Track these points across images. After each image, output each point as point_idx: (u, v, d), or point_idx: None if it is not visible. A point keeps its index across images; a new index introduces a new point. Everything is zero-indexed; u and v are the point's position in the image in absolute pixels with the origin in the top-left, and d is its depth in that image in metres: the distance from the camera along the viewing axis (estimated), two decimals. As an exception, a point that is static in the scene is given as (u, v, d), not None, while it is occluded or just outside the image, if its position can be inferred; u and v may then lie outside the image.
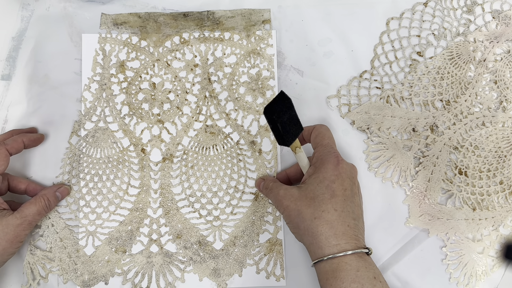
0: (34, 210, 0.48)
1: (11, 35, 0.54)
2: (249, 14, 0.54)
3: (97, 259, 0.51)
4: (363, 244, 0.44)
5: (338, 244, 0.42)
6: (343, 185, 0.44)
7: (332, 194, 0.44)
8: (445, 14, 0.55)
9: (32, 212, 0.47)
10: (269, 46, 0.54)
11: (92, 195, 0.52)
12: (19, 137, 0.49)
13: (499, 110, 0.53)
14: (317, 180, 0.45)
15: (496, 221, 0.52)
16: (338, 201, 0.43)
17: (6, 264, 0.50)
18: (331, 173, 0.44)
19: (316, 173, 0.45)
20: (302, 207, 0.44)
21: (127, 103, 0.53)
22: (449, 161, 0.52)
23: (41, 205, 0.48)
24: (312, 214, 0.43)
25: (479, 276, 0.51)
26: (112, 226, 0.51)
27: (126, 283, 0.50)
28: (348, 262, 0.41)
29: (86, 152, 0.52)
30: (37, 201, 0.48)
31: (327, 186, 0.44)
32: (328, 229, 0.42)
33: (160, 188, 0.52)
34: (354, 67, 0.54)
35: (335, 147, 0.47)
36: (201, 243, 0.51)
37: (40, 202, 0.48)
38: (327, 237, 0.42)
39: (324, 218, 0.43)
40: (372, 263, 0.43)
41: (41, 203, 0.48)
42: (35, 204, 0.48)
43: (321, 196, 0.44)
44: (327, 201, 0.43)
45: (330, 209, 0.43)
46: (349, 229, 0.43)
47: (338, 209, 0.43)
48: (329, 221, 0.43)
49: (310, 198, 0.44)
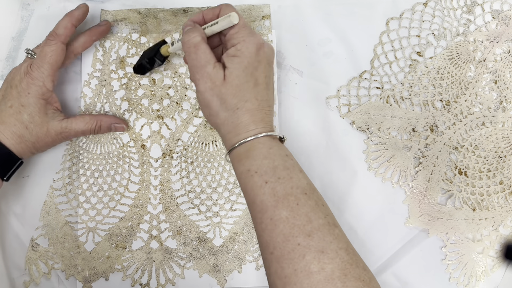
0: (81, 128, 0.49)
1: (11, 35, 0.55)
2: (249, 10, 0.55)
3: (97, 255, 0.51)
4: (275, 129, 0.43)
5: (256, 128, 0.42)
6: (265, 72, 0.43)
7: (255, 82, 0.43)
8: (445, 14, 0.55)
9: (77, 129, 0.49)
10: (268, 42, 0.54)
11: (93, 191, 0.52)
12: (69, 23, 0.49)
13: (499, 110, 0.53)
14: (242, 66, 0.42)
15: (496, 221, 0.51)
16: (260, 90, 0.43)
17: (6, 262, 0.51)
18: (254, 59, 0.43)
19: (240, 57, 0.42)
20: (227, 96, 0.42)
21: (127, 99, 0.53)
22: (449, 161, 0.52)
23: (90, 127, 0.50)
24: (236, 105, 0.42)
25: (479, 276, 0.51)
26: (112, 222, 0.52)
27: (126, 279, 0.51)
28: (262, 142, 0.41)
29: (86, 148, 0.53)
30: (89, 122, 0.49)
31: (251, 73, 0.42)
32: (248, 118, 0.42)
33: (160, 184, 0.52)
34: (354, 67, 0.54)
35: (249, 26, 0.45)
36: (200, 240, 0.51)
37: (91, 124, 0.50)
38: (246, 125, 0.42)
39: (246, 108, 0.42)
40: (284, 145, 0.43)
41: (91, 125, 0.50)
42: (85, 123, 0.49)
43: (246, 84, 0.42)
44: (251, 90, 0.42)
45: (252, 99, 0.42)
46: (266, 116, 0.43)
47: (259, 98, 0.43)
48: (250, 110, 0.42)
49: (235, 86, 0.42)
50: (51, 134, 0.48)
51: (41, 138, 0.48)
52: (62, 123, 0.48)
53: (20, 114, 0.46)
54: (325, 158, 0.53)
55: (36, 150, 0.48)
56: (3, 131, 0.46)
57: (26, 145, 0.47)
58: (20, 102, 0.46)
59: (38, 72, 0.47)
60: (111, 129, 0.51)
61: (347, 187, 0.52)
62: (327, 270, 0.35)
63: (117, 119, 0.52)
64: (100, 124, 0.50)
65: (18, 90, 0.47)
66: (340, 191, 0.52)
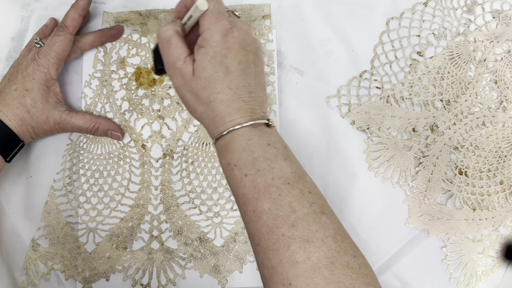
0: (78, 125, 0.50)
1: (11, 35, 0.55)
2: (249, 10, 0.55)
3: (98, 256, 0.51)
4: (261, 115, 0.41)
5: (232, 120, 0.40)
6: (237, 58, 0.41)
7: (226, 71, 0.40)
8: (445, 14, 0.55)
9: (75, 124, 0.50)
10: (269, 41, 0.54)
11: (93, 191, 0.52)
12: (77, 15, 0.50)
13: (499, 110, 0.53)
14: (208, 56, 0.40)
15: (496, 221, 0.51)
16: (233, 78, 0.40)
17: (6, 260, 0.51)
18: (221, 47, 0.40)
19: (205, 47, 0.41)
20: (198, 90, 0.41)
21: (127, 99, 0.53)
22: (449, 161, 0.52)
23: (87, 126, 0.50)
24: (208, 98, 0.41)
25: (479, 276, 0.51)
26: (113, 223, 0.52)
27: (127, 279, 0.51)
28: (241, 134, 0.40)
29: (86, 148, 0.53)
30: (88, 121, 0.50)
31: (219, 63, 0.40)
32: (223, 109, 0.40)
33: (161, 184, 0.52)
34: (354, 66, 0.54)
35: (223, 8, 0.42)
36: (201, 240, 0.51)
37: (89, 124, 0.50)
38: (222, 117, 0.40)
39: (218, 100, 0.40)
40: (269, 132, 0.41)
41: (89, 125, 0.50)
42: (84, 121, 0.50)
43: (215, 75, 0.40)
44: (221, 80, 0.40)
45: (224, 89, 0.40)
46: (244, 104, 0.40)
47: (233, 87, 0.40)
48: (223, 101, 0.40)
49: (204, 78, 0.40)
50: (49, 122, 0.49)
51: (40, 124, 0.49)
52: (63, 115, 0.49)
53: (23, 98, 0.48)
54: (326, 158, 0.53)
55: (36, 135, 0.50)
56: (6, 113, 0.47)
57: (27, 128, 0.48)
58: (25, 86, 0.48)
59: (44, 60, 0.48)
60: (107, 135, 0.52)
61: (347, 187, 0.52)
62: (313, 259, 0.34)
63: (115, 126, 0.52)
64: (97, 126, 0.51)
65: (24, 75, 0.48)
66: (341, 191, 0.52)
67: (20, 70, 0.49)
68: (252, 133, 0.40)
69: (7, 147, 0.48)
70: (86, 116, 0.50)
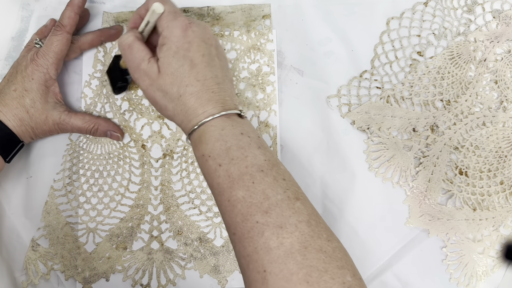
0: (78, 125, 0.50)
1: (11, 35, 0.55)
2: (249, 9, 0.55)
3: (98, 256, 0.51)
4: (233, 106, 0.42)
5: (205, 112, 0.40)
6: (200, 51, 0.42)
7: (191, 64, 0.41)
8: (446, 13, 0.55)
9: (74, 125, 0.50)
10: (269, 41, 0.54)
11: (93, 191, 0.52)
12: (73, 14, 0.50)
13: (499, 110, 0.53)
14: (171, 52, 0.42)
15: (496, 221, 0.51)
16: (199, 71, 0.41)
17: (6, 260, 0.51)
18: (182, 41, 0.42)
19: (167, 43, 0.42)
20: (166, 86, 0.42)
21: (127, 99, 0.53)
22: (450, 161, 0.52)
23: (87, 126, 0.50)
24: (177, 92, 0.41)
25: (480, 277, 0.51)
26: (113, 223, 0.51)
27: (126, 279, 0.51)
28: (214, 124, 0.40)
29: (86, 148, 0.53)
30: (87, 122, 0.50)
31: (183, 56, 0.41)
32: (194, 102, 0.41)
33: (161, 184, 0.52)
34: (354, 66, 0.54)
35: (178, 9, 0.44)
36: (201, 240, 0.51)
37: (88, 124, 0.50)
38: (194, 109, 0.41)
39: (188, 92, 0.41)
40: (242, 122, 0.41)
41: (89, 126, 0.50)
42: (83, 122, 0.50)
43: (181, 69, 0.41)
44: (188, 73, 0.41)
45: (192, 81, 0.41)
46: (214, 95, 0.41)
47: (201, 79, 0.41)
48: (193, 93, 0.41)
49: (170, 73, 0.41)
50: (48, 123, 0.49)
51: (40, 124, 0.49)
52: (62, 115, 0.49)
53: (22, 98, 0.48)
54: (326, 158, 0.53)
55: (35, 135, 0.50)
56: (5, 113, 0.47)
57: (26, 128, 0.48)
58: (24, 86, 0.48)
59: (43, 60, 0.48)
60: (107, 135, 0.52)
61: (347, 187, 0.52)
62: (286, 245, 0.35)
63: (115, 126, 0.52)
64: (97, 127, 0.51)
65: (23, 75, 0.48)
66: (341, 191, 0.52)
67: (19, 71, 0.49)
68: (225, 123, 0.40)
69: (7, 147, 0.48)
70: (86, 117, 0.50)
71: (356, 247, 0.51)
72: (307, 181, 0.52)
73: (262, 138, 0.42)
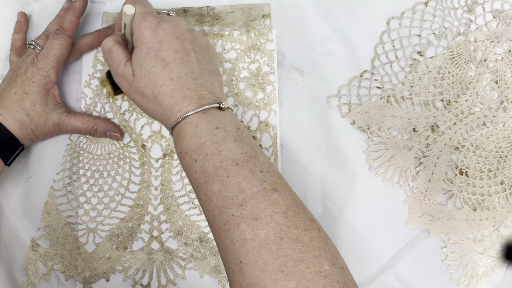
0: (77, 126, 0.50)
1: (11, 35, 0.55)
2: (249, 9, 0.54)
3: (98, 256, 0.51)
4: (212, 100, 0.42)
5: (180, 110, 0.41)
6: (172, 49, 0.42)
7: (163, 63, 0.42)
8: (446, 13, 0.55)
9: (74, 126, 0.50)
10: (269, 41, 0.54)
11: (93, 191, 0.52)
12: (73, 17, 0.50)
13: (500, 110, 0.53)
14: (142, 53, 0.42)
15: (496, 221, 0.51)
16: (172, 69, 0.42)
17: (6, 260, 0.51)
18: (153, 41, 0.42)
19: (138, 46, 0.43)
20: (142, 88, 0.42)
21: (127, 99, 0.53)
22: (450, 161, 0.52)
23: (86, 127, 0.50)
24: (152, 93, 0.42)
25: (480, 277, 0.51)
26: (113, 223, 0.51)
27: (127, 279, 0.51)
28: (189, 121, 0.40)
29: (86, 148, 0.53)
30: (86, 122, 0.50)
31: (154, 57, 0.42)
32: (169, 101, 0.41)
33: (161, 184, 0.52)
34: (355, 66, 0.54)
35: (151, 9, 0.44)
36: (201, 240, 0.51)
37: (88, 125, 0.50)
38: (170, 108, 0.41)
39: (163, 92, 0.41)
40: (220, 115, 0.41)
41: (88, 126, 0.50)
42: (83, 122, 0.50)
43: (153, 70, 0.42)
44: (161, 73, 0.42)
45: (166, 81, 0.41)
46: (189, 91, 0.41)
47: (174, 77, 0.42)
48: (167, 93, 0.41)
49: (143, 75, 0.42)
50: (48, 125, 0.49)
51: (40, 126, 0.49)
52: (61, 116, 0.49)
53: (23, 101, 0.48)
54: (326, 158, 0.53)
55: (36, 138, 0.50)
56: (6, 116, 0.47)
57: (27, 131, 0.48)
58: (24, 89, 0.48)
59: (43, 63, 0.48)
60: (106, 136, 0.52)
61: (347, 187, 0.52)
62: (261, 236, 0.35)
63: (114, 127, 0.52)
64: (96, 127, 0.51)
65: (23, 78, 0.48)
66: (341, 191, 0.52)
67: (19, 74, 0.48)
68: (200, 119, 0.40)
69: (8, 151, 0.48)
70: (85, 118, 0.50)
71: (356, 247, 0.51)
72: (308, 181, 0.52)
73: (244, 129, 0.42)
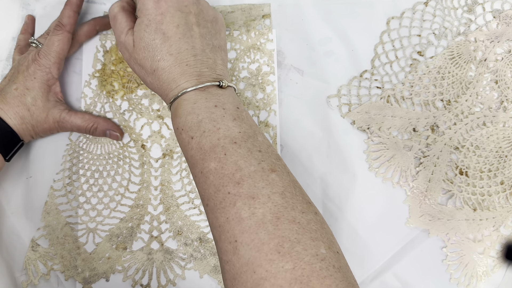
0: (77, 124, 0.50)
1: (12, 35, 0.55)
2: (249, 9, 0.54)
3: (97, 256, 0.51)
4: (212, 77, 0.41)
5: (178, 86, 0.40)
6: (174, 22, 0.41)
7: (163, 38, 0.41)
8: (446, 13, 0.55)
9: (74, 123, 0.50)
10: (269, 41, 0.54)
11: (93, 191, 0.52)
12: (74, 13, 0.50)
13: (500, 110, 0.53)
14: (143, 26, 0.41)
15: (497, 221, 0.51)
16: (172, 44, 0.41)
17: (6, 260, 0.51)
18: (154, 13, 0.41)
19: (140, 17, 0.42)
20: (141, 61, 0.42)
21: (127, 99, 0.53)
22: (450, 161, 0.52)
23: (86, 125, 0.50)
24: (151, 67, 0.41)
25: (480, 277, 0.51)
26: (113, 223, 0.51)
27: (126, 280, 0.50)
28: (187, 98, 0.40)
29: (86, 148, 0.53)
30: (86, 121, 0.50)
31: (155, 30, 0.41)
32: (167, 76, 0.41)
33: (161, 184, 0.52)
34: (355, 66, 0.54)
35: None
36: (201, 240, 0.51)
37: (88, 123, 0.50)
38: (168, 84, 0.41)
39: (161, 67, 0.41)
40: (220, 93, 0.41)
41: (88, 124, 0.50)
42: (83, 120, 0.50)
43: (152, 43, 0.41)
44: (160, 47, 0.41)
45: (165, 56, 0.41)
46: (189, 68, 0.41)
47: (174, 52, 0.41)
48: (165, 68, 0.41)
49: (143, 47, 0.41)
50: (49, 121, 0.49)
51: (40, 122, 0.49)
52: (62, 113, 0.50)
53: (24, 96, 0.48)
54: (326, 158, 0.53)
55: (35, 134, 0.50)
56: (7, 111, 0.47)
57: (27, 127, 0.48)
58: (26, 85, 0.48)
59: (45, 60, 0.48)
60: (106, 135, 0.51)
61: (347, 187, 0.52)
62: (258, 215, 0.34)
63: (114, 126, 0.52)
64: (96, 126, 0.51)
65: (25, 75, 0.48)
66: (341, 191, 0.52)
67: (20, 71, 0.49)
68: (198, 96, 0.40)
69: (7, 146, 0.48)
70: (85, 116, 0.50)
71: (356, 247, 0.51)
72: (308, 181, 0.52)
73: (244, 109, 0.41)
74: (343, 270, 0.34)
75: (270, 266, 0.33)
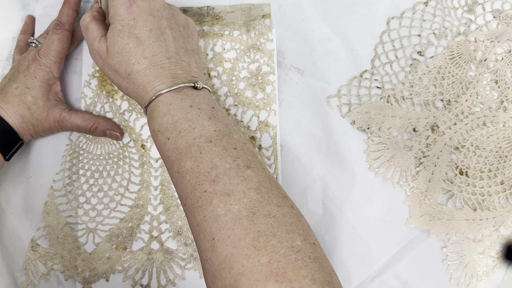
0: (77, 123, 0.50)
1: (12, 35, 0.55)
2: (249, 9, 0.54)
3: (97, 256, 0.51)
4: (187, 79, 0.42)
5: (153, 89, 0.41)
6: (146, 26, 0.42)
7: (136, 42, 0.41)
8: (446, 13, 0.55)
9: (74, 123, 0.50)
10: (269, 41, 0.54)
11: (93, 191, 0.52)
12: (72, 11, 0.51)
13: (500, 110, 0.53)
14: (116, 31, 0.42)
15: (497, 221, 0.51)
16: (146, 47, 0.41)
17: (6, 260, 0.51)
18: (127, 19, 0.42)
19: (113, 23, 0.42)
20: (115, 66, 0.42)
21: (127, 99, 0.53)
22: (450, 161, 0.52)
23: (86, 125, 0.50)
24: (126, 71, 0.41)
25: (480, 277, 0.51)
26: (113, 223, 0.51)
27: (126, 280, 0.50)
28: (162, 100, 0.40)
29: (86, 148, 0.53)
30: (87, 120, 0.50)
31: (128, 35, 0.41)
32: (142, 80, 0.41)
33: (161, 184, 0.52)
34: (355, 66, 0.54)
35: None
36: (201, 241, 0.51)
37: (88, 123, 0.50)
38: (143, 87, 0.41)
39: (135, 71, 0.41)
40: (195, 94, 0.41)
41: (88, 124, 0.50)
42: (83, 120, 0.50)
43: (126, 47, 0.41)
44: (134, 51, 0.41)
45: (139, 59, 0.41)
46: (163, 70, 0.41)
47: (148, 55, 0.41)
48: (140, 71, 0.41)
49: (117, 52, 0.41)
50: (49, 120, 0.49)
51: (40, 121, 0.49)
52: (62, 113, 0.50)
53: (24, 95, 0.48)
54: (326, 158, 0.53)
55: (35, 133, 0.50)
56: (7, 110, 0.47)
57: (27, 125, 0.48)
58: (26, 84, 0.48)
59: (45, 59, 0.48)
60: (106, 135, 0.51)
61: (347, 187, 0.52)
62: (234, 211, 0.35)
63: (114, 126, 0.52)
64: (96, 126, 0.51)
65: (25, 74, 0.48)
66: (341, 191, 0.52)
67: (21, 70, 0.49)
68: (173, 97, 0.40)
69: (7, 145, 0.48)
70: (86, 115, 0.50)
71: (356, 247, 0.51)
72: (307, 181, 0.52)
73: (219, 108, 0.42)
74: (319, 260, 0.34)
75: (246, 261, 0.33)
